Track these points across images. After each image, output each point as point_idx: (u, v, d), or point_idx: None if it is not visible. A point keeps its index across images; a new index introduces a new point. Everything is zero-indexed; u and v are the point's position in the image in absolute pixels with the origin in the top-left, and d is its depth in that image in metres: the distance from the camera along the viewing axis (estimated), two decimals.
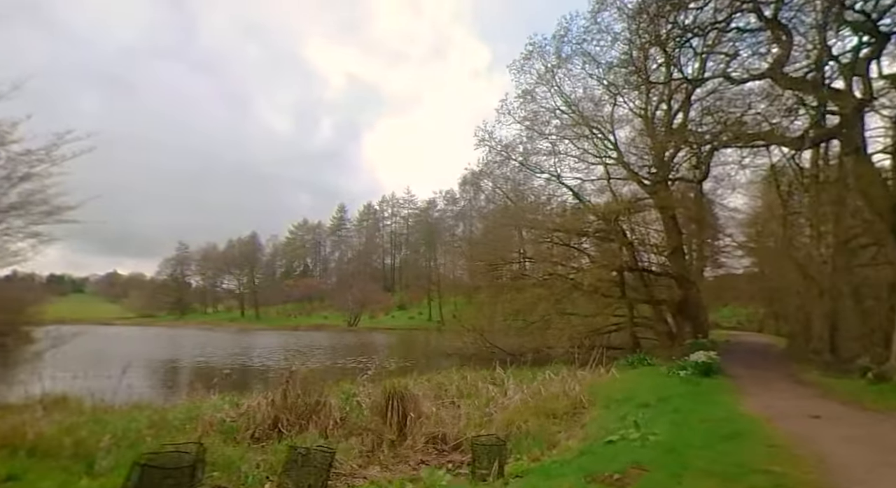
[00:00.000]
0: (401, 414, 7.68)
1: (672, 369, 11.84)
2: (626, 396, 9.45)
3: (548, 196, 24.45)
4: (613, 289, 20.41)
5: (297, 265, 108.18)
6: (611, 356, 19.33)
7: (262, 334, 54.46)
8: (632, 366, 15.42)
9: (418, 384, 10.98)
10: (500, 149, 23.75)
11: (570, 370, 14.01)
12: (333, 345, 35.63)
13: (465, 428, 7.71)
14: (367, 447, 6.85)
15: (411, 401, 7.88)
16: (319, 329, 63.93)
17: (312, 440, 6.38)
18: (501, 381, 12.27)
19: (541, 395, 10.06)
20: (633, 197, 22.47)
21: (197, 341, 42.67)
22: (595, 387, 11.09)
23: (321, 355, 28.18)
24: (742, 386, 10.32)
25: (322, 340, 41.95)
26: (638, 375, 12.46)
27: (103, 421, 7.54)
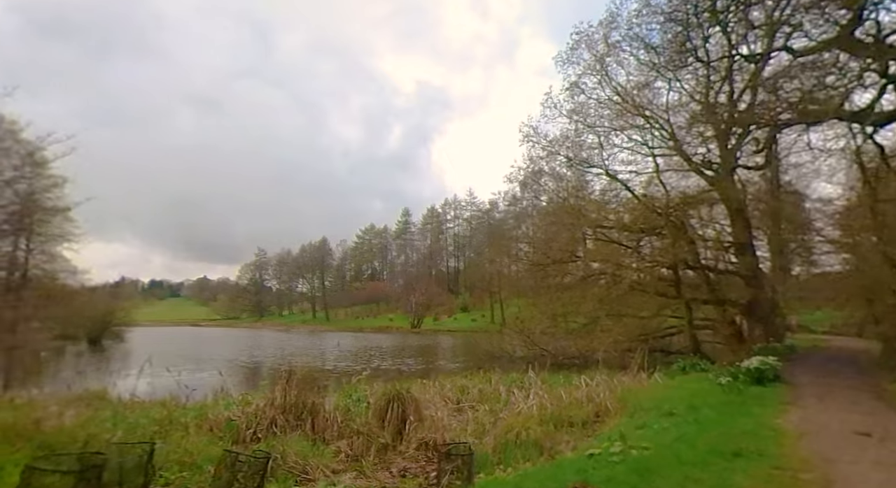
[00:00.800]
0: (400, 418, 7.48)
1: (720, 375, 10.68)
2: (655, 404, 8.62)
3: (599, 192, 23.22)
4: (668, 288, 18.94)
5: (365, 268, 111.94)
6: (667, 360, 18.01)
7: (328, 335, 56.60)
8: (683, 371, 14.17)
9: (434, 387, 10.74)
10: (546, 144, 22.92)
11: (611, 374, 13.16)
12: (385, 346, 36.30)
13: (463, 435, 7.35)
14: (358, 451, 6.68)
15: (412, 405, 7.64)
16: (383, 331, 65.39)
17: (296, 441, 6.33)
18: (530, 385, 11.73)
19: (562, 401, 9.44)
20: (689, 189, 20.79)
21: (270, 342, 45.22)
22: (629, 394, 10.24)
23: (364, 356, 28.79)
24: (797, 396, 9.04)
25: (381, 342, 42.85)
26: (682, 382, 11.38)
27: (123, 416, 7.98)
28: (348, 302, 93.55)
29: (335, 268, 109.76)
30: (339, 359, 26.93)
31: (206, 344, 43.01)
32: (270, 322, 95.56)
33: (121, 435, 6.91)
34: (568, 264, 20.75)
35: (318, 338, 50.93)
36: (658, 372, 14.04)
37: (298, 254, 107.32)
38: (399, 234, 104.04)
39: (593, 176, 23.28)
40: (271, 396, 7.44)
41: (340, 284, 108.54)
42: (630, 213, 20.38)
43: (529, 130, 23.40)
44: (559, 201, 24.29)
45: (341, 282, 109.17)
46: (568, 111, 22.69)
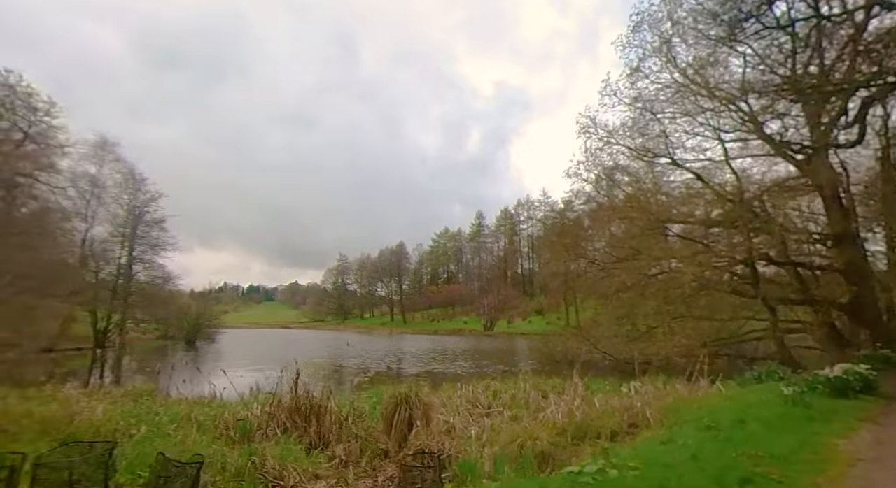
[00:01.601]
0: (407, 423, 7.16)
1: (791, 385, 9.17)
2: (698, 416, 7.55)
3: (664, 183, 21.30)
4: (745, 286, 16.84)
5: (441, 272, 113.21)
6: (746, 367, 15.98)
7: (402, 338, 57.67)
8: (758, 379, 12.47)
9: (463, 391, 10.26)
10: (604, 135, 21.49)
11: (668, 381, 11.91)
12: (450, 349, 36.11)
13: (469, 443, 6.85)
14: (354, 456, 6.45)
15: (419, 409, 7.28)
16: (456, 333, 65.52)
17: (286, 445, 6.21)
18: (571, 391, 10.89)
19: (594, 409, 8.59)
20: (771, 175, 18.42)
21: (341, 342, 46.98)
22: (678, 404, 9.14)
23: (423, 358, 28.71)
24: (885, 413, 7.45)
25: (448, 344, 42.84)
26: (746, 392, 9.92)
27: (152, 413, 8.39)
28: (425, 305, 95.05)
29: (412, 271, 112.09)
30: (394, 361, 27.17)
31: (288, 345, 45.59)
32: (352, 324, 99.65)
33: (144, 430, 7.29)
34: (629, 262, 19.19)
35: (393, 340, 52.08)
36: (727, 380, 12.54)
37: (377, 259, 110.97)
38: (473, 237, 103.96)
39: (659, 166, 21.47)
40: (278, 397, 7.43)
41: (418, 287, 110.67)
42: (699, 205, 18.46)
43: (587, 121, 22.15)
44: (624, 196, 22.71)
45: (418, 285, 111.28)
46: (630, 98, 21.21)
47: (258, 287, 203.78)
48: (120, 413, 7.93)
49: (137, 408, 8.53)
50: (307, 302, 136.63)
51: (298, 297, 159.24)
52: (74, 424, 7.21)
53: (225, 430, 7.12)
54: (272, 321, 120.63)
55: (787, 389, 8.01)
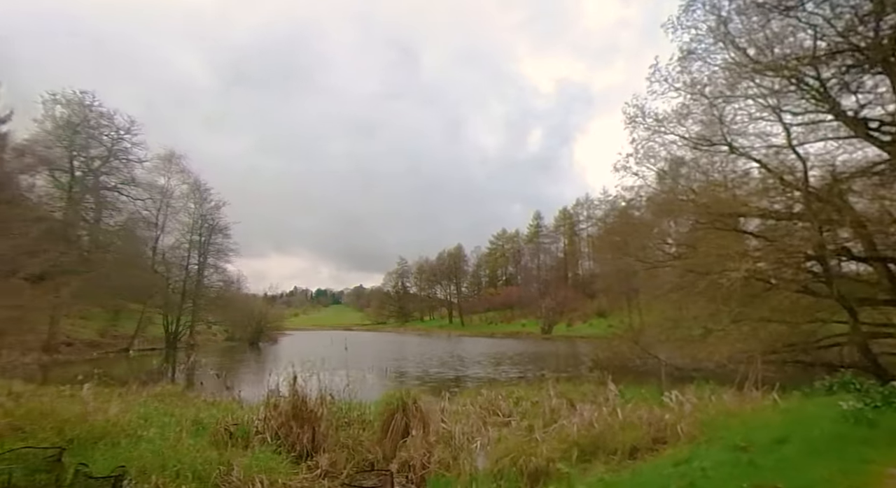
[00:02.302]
0: (402, 432, 6.77)
1: (862, 399, 7.81)
2: (734, 433, 6.56)
3: (719, 172, 19.41)
4: (818, 285, 14.88)
5: (500, 274, 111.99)
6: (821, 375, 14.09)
7: (458, 341, 57.41)
8: (829, 390, 10.86)
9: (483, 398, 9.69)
10: (653, 124, 19.98)
11: (717, 391, 10.67)
12: (501, 352, 35.27)
13: (461, 455, 6.32)
14: (339, 467, 6.10)
15: (416, 417, 6.86)
16: (513, 336, 64.30)
17: (267, 451, 5.98)
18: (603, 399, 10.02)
19: (618, 420, 7.76)
20: (847, 158, 16.21)
21: (396, 345, 47.44)
22: (718, 417, 8.10)
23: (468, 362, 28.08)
24: None
25: (501, 347, 42.00)
26: (803, 405, 8.60)
27: (164, 414, 8.53)
28: (483, 307, 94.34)
29: (470, 274, 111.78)
30: (437, 365, 26.84)
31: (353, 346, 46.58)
32: (412, 327, 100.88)
33: (154, 431, 7.36)
34: (683, 260, 17.67)
35: (446, 343, 51.93)
36: (791, 391, 11.09)
37: (435, 262, 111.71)
38: (531, 238, 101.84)
39: (717, 156, 19.63)
40: (273, 402, 7.24)
41: (476, 290, 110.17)
42: (761, 196, 16.62)
43: (635, 111, 20.72)
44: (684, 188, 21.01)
45: (477, 287, 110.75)
46: (682, 84, 19.57)
47: (325, 290, 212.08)
48: (135, 414, 8.12)
49: (154, 410, 8.71)
50: (371, 305, 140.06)
51: (363, 300, 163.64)
52: (89, 423, 7.43)
53: (221, 435, 7.01)
54: (336, 323, 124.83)
55: (846, 404, 6.76)
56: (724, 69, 18.50)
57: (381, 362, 29.63)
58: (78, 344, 29.36)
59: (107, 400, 9.02)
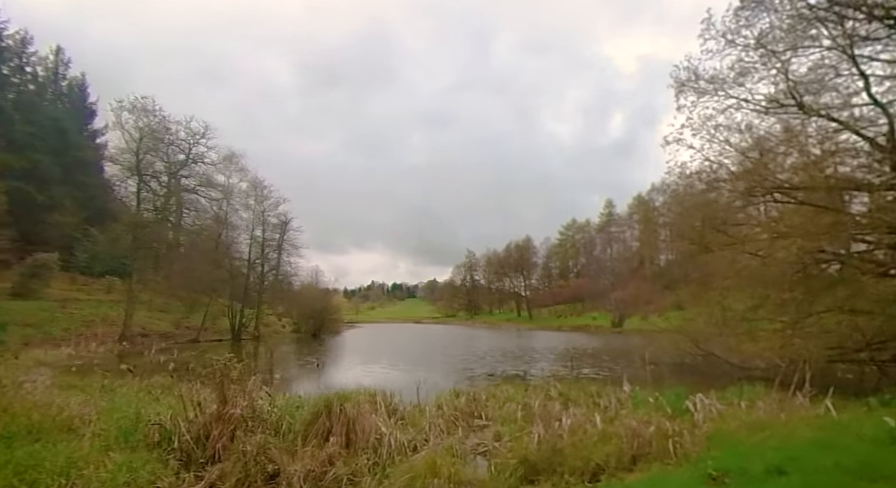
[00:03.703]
0: (324, 437, 6.01)
1: None
2: (736, 453, 5.11)
3: (782, 137, 16.49)
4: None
5: (572, 265, 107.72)
6: None
7: (522, 334, 55.89)
8: (884, 403, 8.66)
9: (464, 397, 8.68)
10: (708, 86, 17.43)
11: (758, 395, 8.85)
12: (555, 347, 33.44)
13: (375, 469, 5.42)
14: (229, 480, 5.31)
15: (340, 422, 6.05)
16: (581, 330, 61.44)
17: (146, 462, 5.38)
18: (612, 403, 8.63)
19: (596, 430, 6.48)
20: None
21: (461, 338, 46.97)
22: (735, 431, 6.54)
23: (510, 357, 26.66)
24: None
25: (561, 342, 40.04)
26: (855, 418, 6.69)
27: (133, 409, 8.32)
28: (552, 300, 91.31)
29: (540, 266, 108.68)
30: (476, 362, 25.81)
31: (409, 338, 47.10)
32: (480, 320, 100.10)
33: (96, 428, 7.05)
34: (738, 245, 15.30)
35: (511, 337, 50.65)
36: (865, 399, 9.02)
37: (504, 254, 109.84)
38: (602, 227, 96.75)
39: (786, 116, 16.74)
40: (197, 400, 6.63)
41: (547, 282, 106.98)
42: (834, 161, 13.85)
43: (687, 74, 18.22)
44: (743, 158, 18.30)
45: (547, 280, 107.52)
46: (743, 38, 16.90)
47: (401, 284, 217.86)
48: (96, 408, 7.89)
49: (123, 404, 8.47)
50: (442, 298, 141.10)
51: (437, 294, 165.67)
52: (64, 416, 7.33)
53: (150, 436, 6.50)
54: (408, 316, 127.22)
55: (892, 421, 4.99)
56: (793, 16, 15.70)
57: (434, 356, 29.24)
58: (153, 335, 31.84)
59: (87, 391, 9.11)
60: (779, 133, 17.73)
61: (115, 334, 29.46)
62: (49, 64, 52.55)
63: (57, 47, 52.95)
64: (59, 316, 29.38)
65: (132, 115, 34.45)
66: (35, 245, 38.05)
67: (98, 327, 29.69)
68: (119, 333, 29.37)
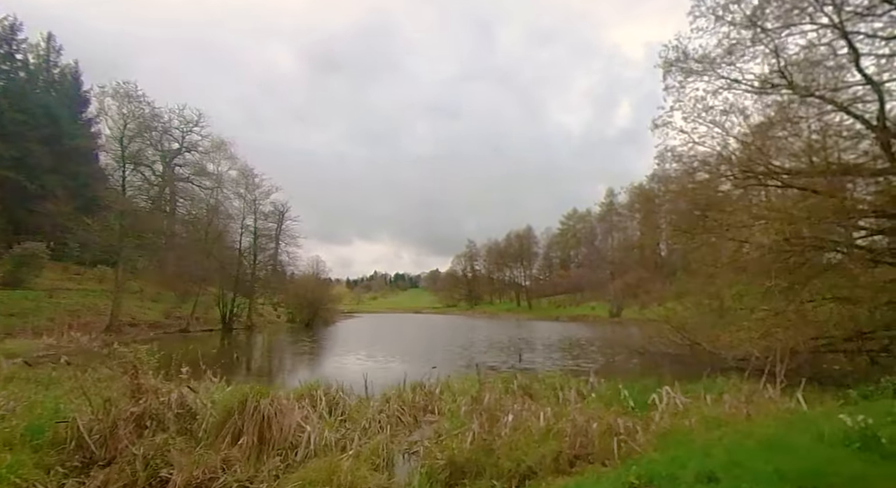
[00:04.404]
0: (235, 436, 5.56)
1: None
2: (685, 453, 4.62)
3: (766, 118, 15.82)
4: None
5: (573, 255, 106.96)
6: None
7: (522, 324, 55.56)
8: (864, 396, 8.17)
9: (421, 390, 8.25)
10: (698, 66, 16.72)
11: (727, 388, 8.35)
12: (539, 338, 33.05)
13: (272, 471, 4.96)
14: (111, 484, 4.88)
15: (252, 420, 5.58)
16: (578, 320, 61.05)
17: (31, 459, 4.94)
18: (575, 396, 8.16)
19: (556, 423, 6.02)
20: None
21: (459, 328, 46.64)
22: (690, 428, 6.06)
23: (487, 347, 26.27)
24: None
25: (562, 332, 39.72)
26: (819, 414, 6.18)
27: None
28: (552, 290, 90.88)
29: (541, 256, 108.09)
30: (459, 353, 25.42)
31: (402, 328, 46.83)
32: (480, 310, 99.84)
33: None
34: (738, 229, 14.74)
35: (508, 326, 50.33)
36: (836, 390, 8.56)
37: (504, 244, 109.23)
38: (602, 217, 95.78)
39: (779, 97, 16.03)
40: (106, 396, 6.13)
41: (548, 272, 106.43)
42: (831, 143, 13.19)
43: (676, 54, 17.49)
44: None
45: (548, 269, 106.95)
46: (733, 15, 16.14)
47: (403, 275, 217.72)
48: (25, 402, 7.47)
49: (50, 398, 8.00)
50: (444, 288, 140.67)
51: (439, 284, 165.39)
52: None
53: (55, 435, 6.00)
54: (409, 306, 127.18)
55: (849, 419, 4.47)
56: None
57: (419, 346, 28.91)
58: (142, 325, 31.62)
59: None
60: (773, 116, 17.09)
61: (103, 324, 29.21)
62: (41, 51, 51.86)
63: (48, 34, 52.19)
64: (46, 305, 29.15)
65: (115, 101, 33.77)
66: (26, 234, 37.87)
67: (85, 317, 29.48)
68: (106, 323, 29.13)
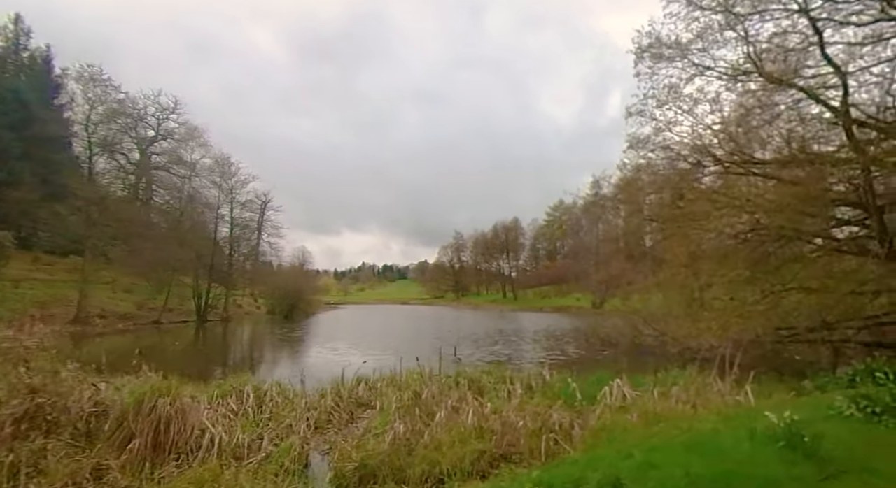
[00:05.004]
0: (128, 437, 5.15)
1: (856, 400, 5.16)
2: (608, 453, 4.32)
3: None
4: (858, 242, 11.30)
5: (560, 247, 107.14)
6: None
7: (506, 315, 55.56)
8: (850, 382, 7.99)
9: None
10: (670, 52, 16.38)
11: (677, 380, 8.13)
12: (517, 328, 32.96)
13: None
14: None
15: (150, 422, 5.17)
16: (562, 311, 61.26)
17: None
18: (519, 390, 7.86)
19: (485, 421, 5.69)
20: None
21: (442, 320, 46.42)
22: (639, 421, 5.79)
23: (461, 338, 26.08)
24: None
25: (542, 323, 39.69)
26: (760, 408, 5.96)
27: None
28: (538, 281, 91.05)
29: (528, 247, 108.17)
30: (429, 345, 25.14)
31: (383, 320, 46.48)
32: (467, 301, 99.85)
33: None
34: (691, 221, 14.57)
35: (490, 317, 50.26)
36: (795, 380, 8.39)
37: (491, 235, 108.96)
38: (587, 208, 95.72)
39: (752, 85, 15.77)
40: None
41: (534, 263, 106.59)
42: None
43: (650, 40, 17.14)
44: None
45: (535, 261, 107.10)
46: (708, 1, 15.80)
47: (392, 266, 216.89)
48: None
49: None
50: (432, 280, 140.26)
51: (427, 275, 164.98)
52: None
53: None
54: (397, 298, 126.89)
55: (775, 416, 4.19)
56: None
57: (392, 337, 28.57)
58: (112, 316, 30.88)
59: None
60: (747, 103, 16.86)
61: (70, 315, 28.47)
62: (9, 34, 50.08)
63: (16, 16, 50.27)
64: (10, 296, 28.28)
65: (79, 84, 32.63)
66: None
67: (52, 308, 28.67)
68: (74, 314, 28.38)
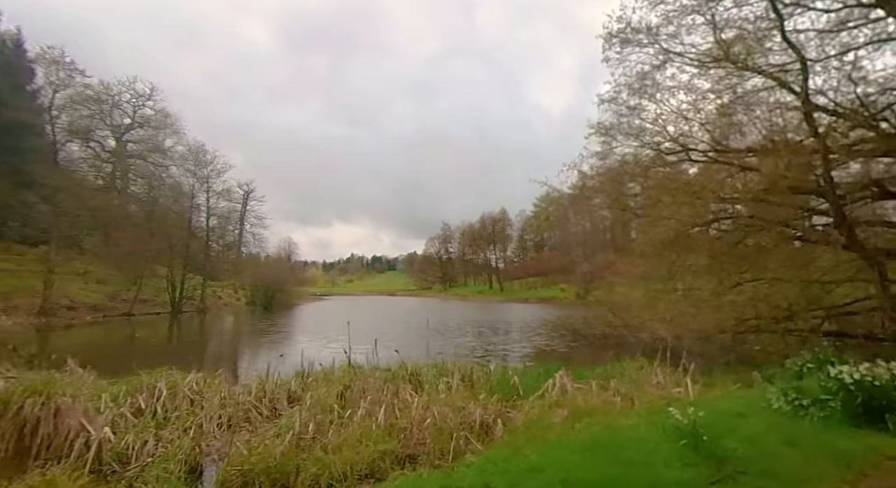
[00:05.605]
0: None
1: (786, 394, 4.89)
2: (502, 456, 3.98)
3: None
4: (821, 233, 11.10)
5: (547, 238, 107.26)
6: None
7: (491, 307, 55.44)
8: (798, 372, 7.78)
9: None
10: (640, 37, 16.01)
11: (616, 370, 7.87)
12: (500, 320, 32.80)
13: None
14: None
15: (15, 425, 4.75)
16: (547, 302, 61.32)
17: None
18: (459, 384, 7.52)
19: (395, 420, 5.34)
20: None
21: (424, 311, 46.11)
22: (569, 416, 5.48)
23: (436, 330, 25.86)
24: None
25: (525, 314, 39.55)
26: (693, 402, 5.68)
27: None
28: (524, 272, 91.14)
29: (516, 239, 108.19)
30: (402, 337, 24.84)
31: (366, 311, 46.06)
32: (454, 292, 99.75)
33: None
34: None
35: (478, 309, 50.09)
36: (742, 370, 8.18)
37: (479, 227, 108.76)
38: (574, 199, 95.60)
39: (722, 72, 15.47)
40: None
41: (521, 254, 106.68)
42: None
43: (620, 26, 16.75)
44: None
45: (522, 252, 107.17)
46: None
47: (381, 257, 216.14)
48: None
49: None
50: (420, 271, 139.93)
51: (415, 266, 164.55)
52: None
53: None
54: (384, 289, 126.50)
55: (679, 414, 3.88)
56: None
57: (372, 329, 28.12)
58: (81, 307, 30.14)
59: None
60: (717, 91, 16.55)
61: (37, 307, 27.74)
62: None
63: None
64: None
65: (41, 67, 31.53)
66: None
67: (17, 299, 27.91)
68: (39, 305, 27.65)
